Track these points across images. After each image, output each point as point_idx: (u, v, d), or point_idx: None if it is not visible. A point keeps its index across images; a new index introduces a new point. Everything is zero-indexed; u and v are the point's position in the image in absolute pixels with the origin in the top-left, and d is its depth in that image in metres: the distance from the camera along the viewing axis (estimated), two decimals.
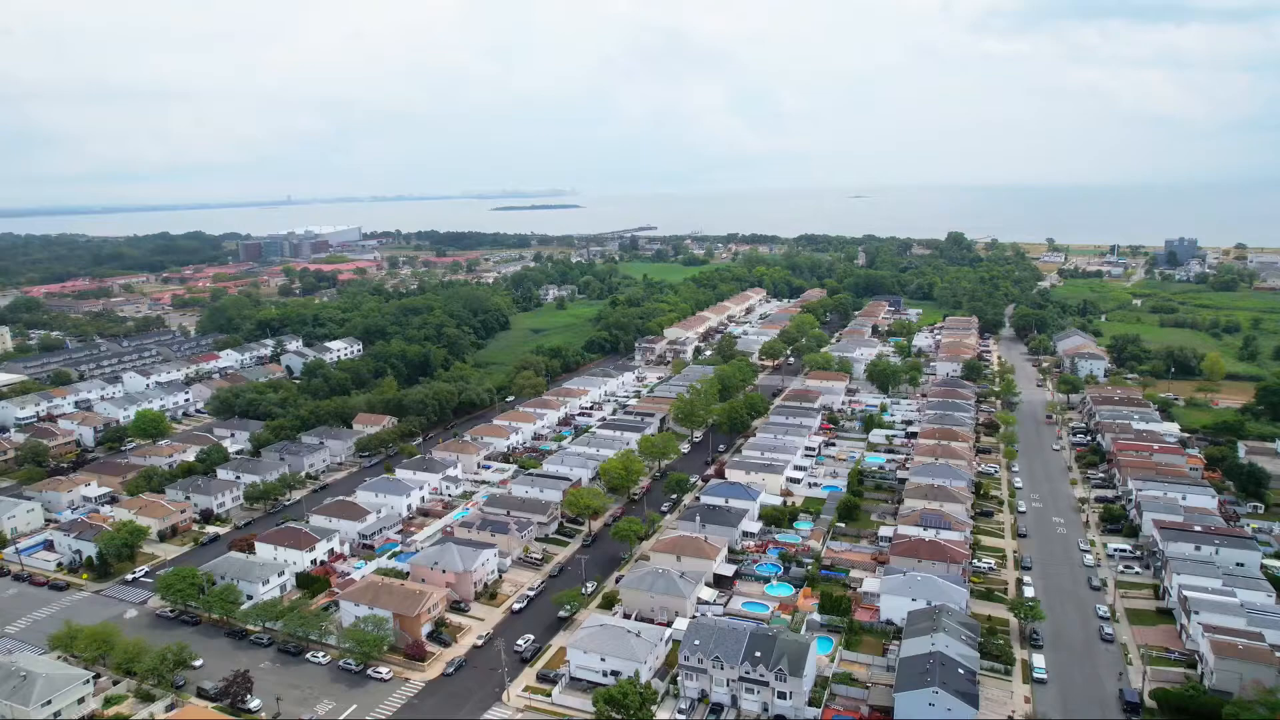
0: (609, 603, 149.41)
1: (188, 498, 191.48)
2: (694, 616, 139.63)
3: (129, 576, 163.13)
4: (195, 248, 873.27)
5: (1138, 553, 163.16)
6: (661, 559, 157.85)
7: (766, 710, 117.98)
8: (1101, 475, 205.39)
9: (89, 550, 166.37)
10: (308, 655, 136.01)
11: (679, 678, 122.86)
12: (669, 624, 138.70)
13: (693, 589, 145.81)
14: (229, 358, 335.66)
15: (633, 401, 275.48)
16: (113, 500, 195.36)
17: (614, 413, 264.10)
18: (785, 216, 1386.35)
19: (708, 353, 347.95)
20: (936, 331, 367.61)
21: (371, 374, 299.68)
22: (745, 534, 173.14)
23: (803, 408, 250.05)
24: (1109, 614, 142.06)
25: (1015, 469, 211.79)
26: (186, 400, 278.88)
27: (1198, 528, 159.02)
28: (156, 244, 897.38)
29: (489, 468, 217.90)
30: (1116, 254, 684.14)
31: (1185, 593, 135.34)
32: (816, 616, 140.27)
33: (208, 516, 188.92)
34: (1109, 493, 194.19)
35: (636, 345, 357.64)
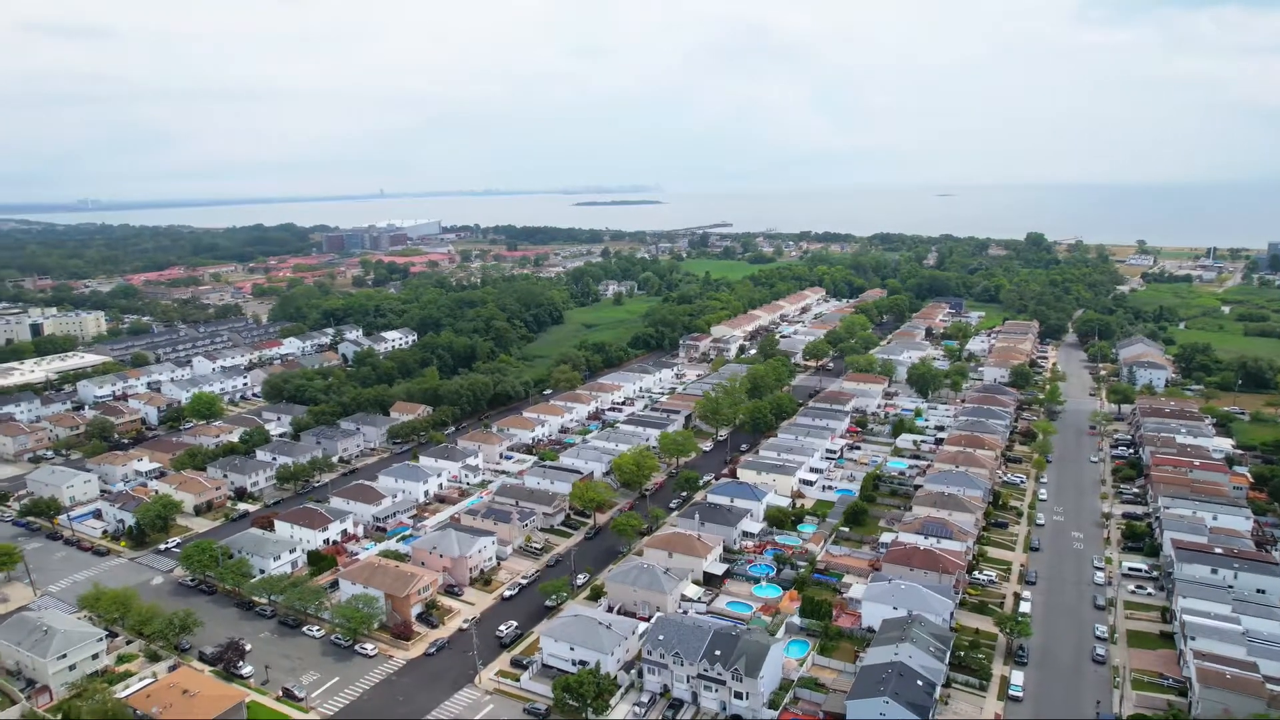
0: (597, 595, 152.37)
1: (225, 476, 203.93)
2: (677, 612, 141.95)
3: (162, 546, 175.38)
4: (285, 239, 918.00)
5: (1153, 573, 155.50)
6: (654, 554, 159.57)
7: (725, 709, 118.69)
8: (1136, 490, 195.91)
9: (130, 520, 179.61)
10: (304, 629, 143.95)
11: (642, 671, 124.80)
12: (649, 618, 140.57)
13: (676, 585, 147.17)
14: (291, 345, 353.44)
15: (665, 398, 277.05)
16: (161, 475, 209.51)
17: (645, 409, 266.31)
18: (863, 214, 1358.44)
19: (751, 351, 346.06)
20: (993, 336, 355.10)
21: (418, 364, 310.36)
22: (745, 534, 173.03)
23: (832, 410, 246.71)
24: (1107, 635, 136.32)
25: (1044, 480, 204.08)
26: (244, 384, 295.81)
27: (1219, 550, 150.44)
28: (250, 235, 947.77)
29: (510, 458, 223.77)
30: (1213, 257, 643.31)
31: (1184, 616, 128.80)
32: (796, 620, 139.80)
33: (241, 494, 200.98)
34: (1139, 509, 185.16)
35: (681, 342, 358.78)
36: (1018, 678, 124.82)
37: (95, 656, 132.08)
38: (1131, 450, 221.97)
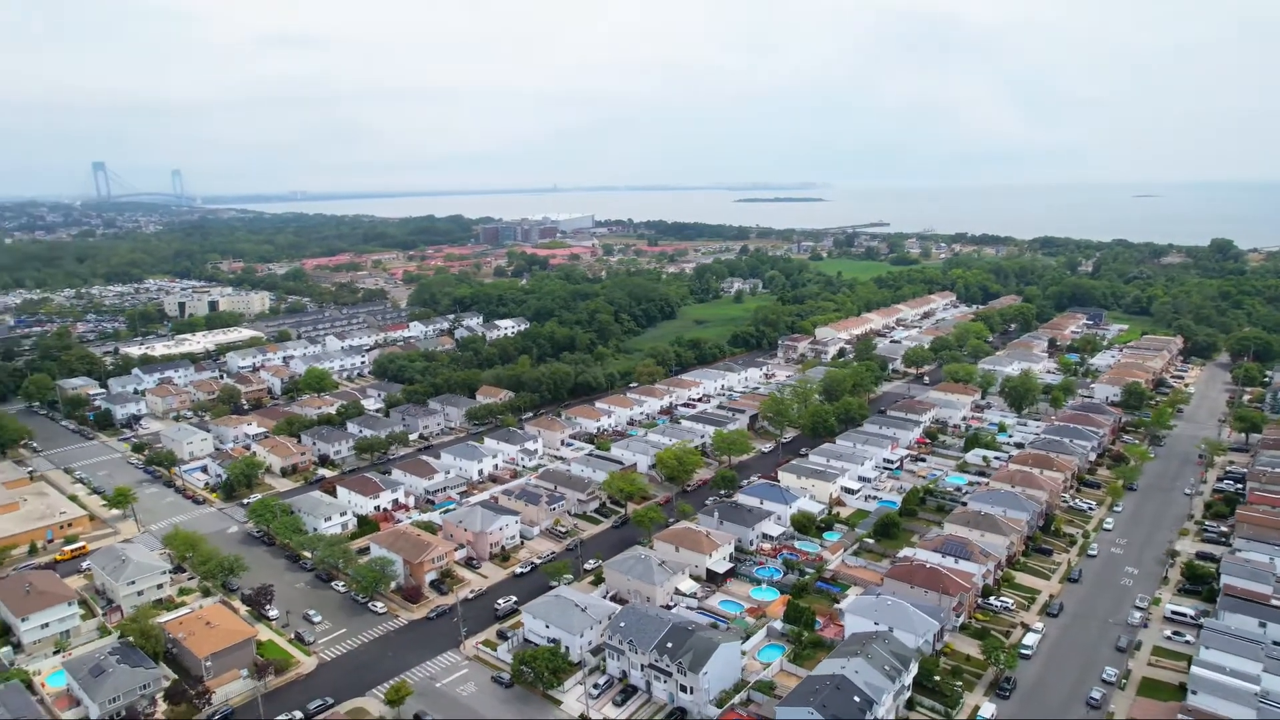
0: (600, 580, 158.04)
1: (314, 443, 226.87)
2: (667, 605, 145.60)
3: (245, 501, 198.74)
4: (449, 230, 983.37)
5: (1199, 619, 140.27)
6: (662, 547, 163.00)
7: (673, 700, 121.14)
8: (1224, 529, 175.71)
9: (224, 476, 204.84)
10: (333, 584, 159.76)
11: (605, 655, 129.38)
12: None
13: (669, 578, 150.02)
14: (415, 329, 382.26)
15: (740, 397, 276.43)
16: (266, 438, 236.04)
17: (718, 406, 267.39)
18: (1036, 215, 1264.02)
19: (850, 355, 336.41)
20: (1123, 351, 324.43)
21: (518, 351, 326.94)
22: (764, 536, 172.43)
23: (905, 419, 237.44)
24: (1115, 679, 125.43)
25: (1117, 508, 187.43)
26: (361, 363, 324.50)
27: (1275, 601, 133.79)
28: (419, 225, 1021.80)
29: (571, 445, 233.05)
30: None
31: (1194, 669, 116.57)
32: (777, 624, 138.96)
33: (325, 460, 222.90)
34: (1217, 550, 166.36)
35: (780, 342, 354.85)
36: (989, 710, 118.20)
37: (160, 586, 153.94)
38: (1239, 485, 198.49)
